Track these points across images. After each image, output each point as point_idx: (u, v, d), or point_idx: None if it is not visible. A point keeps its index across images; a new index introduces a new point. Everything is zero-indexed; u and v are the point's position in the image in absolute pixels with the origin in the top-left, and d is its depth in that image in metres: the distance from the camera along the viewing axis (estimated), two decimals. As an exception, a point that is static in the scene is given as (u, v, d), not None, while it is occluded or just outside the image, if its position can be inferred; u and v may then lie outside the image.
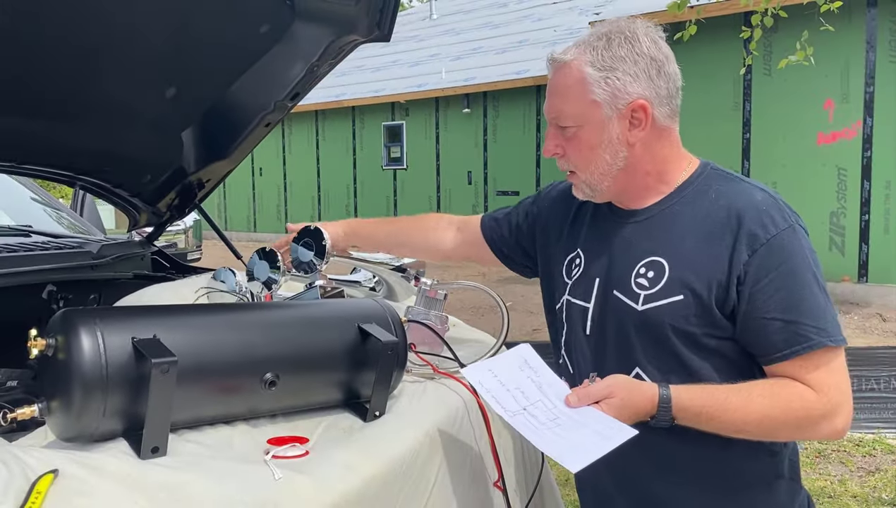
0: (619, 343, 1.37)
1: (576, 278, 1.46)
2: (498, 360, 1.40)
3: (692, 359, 1.31)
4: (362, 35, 1.98)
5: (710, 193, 1.36)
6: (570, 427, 1.22)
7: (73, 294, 2.19)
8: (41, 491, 0.90)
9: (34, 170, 2.33)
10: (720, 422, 1.25)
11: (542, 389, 1.31)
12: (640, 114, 1.33)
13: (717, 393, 1.26)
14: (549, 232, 1.58)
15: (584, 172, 1.38)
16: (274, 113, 2.18)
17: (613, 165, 1.36)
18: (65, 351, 1.04)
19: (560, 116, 1.37)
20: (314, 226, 1.74)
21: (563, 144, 1.38)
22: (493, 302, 1.76)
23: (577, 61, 1.34)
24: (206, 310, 1.39)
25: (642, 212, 1.41)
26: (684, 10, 5.15)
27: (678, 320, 1.30)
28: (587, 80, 1.32)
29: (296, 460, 1.12)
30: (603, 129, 1.34)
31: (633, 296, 1.35)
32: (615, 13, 10.11)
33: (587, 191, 1.42)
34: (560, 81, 1.37)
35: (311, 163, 16.75)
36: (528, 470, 1.67)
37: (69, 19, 1.64)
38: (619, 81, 1.31)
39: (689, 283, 1.29)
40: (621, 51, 1.32)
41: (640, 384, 1.29)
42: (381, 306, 1.41)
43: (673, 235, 1.35)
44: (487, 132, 13.97)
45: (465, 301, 8.06)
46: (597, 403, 1.25)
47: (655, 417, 1.25)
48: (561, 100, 1.36)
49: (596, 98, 1.32)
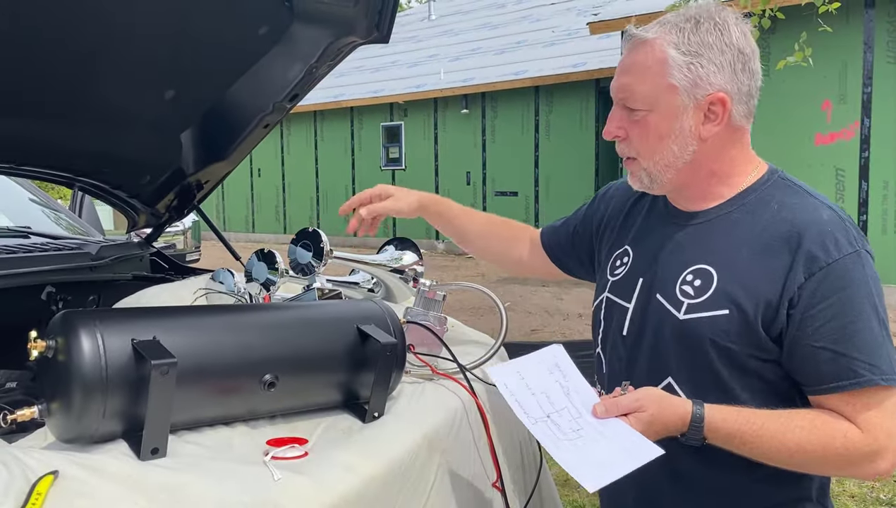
0: (653, 349, 1.31)
1: (620, 276, 1.40)
2: (527, 361, 1.34)
3: (729, 378, 1.24)
4: (361, 36, 1.99)
5: (772, 204, 1.27)
6: (593, 440, 1.17)
7: (72, 295, 2.19)
8: (41, 493, 0.91)
9: (33, 171, 2.33)
10: (753, 448, 1.19)
11: (570, 395, 1.26)
12: (717, 108, 1.24)
13: (754, 417, 1.19)
14: (603, 231, 1.53)
15: (647, 160, 1.29)
16: (273, 114, 2.19)
17: (680, 158, 1.27)
18: (65, 353, 1.04)
19: (630, 97, 1.27)
20: (311, 228, 1.75)
21: (628, 127, 1.28)
22: (492, 303, 1.77)
23: (661, 41, 1.24)
24: (205, 312, 1.39)
25: (699, 216, 1.32)
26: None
27: (719, 335, 1.22)
28: (668, 62, 1.22)
29: (295, 461, 1.12)
30: (675, 118, 1.25)
31: (675, 303, 1.28)
32: (614, 14, 10.12)
33: (645, 181, 1.32)
34: (637, 59, 1.26)
35: (309, 163, 16.75)
36: (527, 471, 1.68)
37: (68, 21, 1.64)
38: (702, 69, 1.22)
39: (736, 299, 1.21)
40: (710, 37, 1.22)
41: (672, 399, 1.22)
42: (379, 307, 1.42)
43: (727, 245, 1.27)
44: (486, 132, 13.98)
45: (464, 302, 8.07)
46: (625, 416, 1.19)
47: (686, 435, 1.19)
48: (635, 79, 1.26)
49: (675, 82, 1.23)
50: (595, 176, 12.62)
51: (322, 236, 1.73)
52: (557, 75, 12.61)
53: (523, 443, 1.68)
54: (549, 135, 13.14)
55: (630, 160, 1.32)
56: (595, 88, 12.41)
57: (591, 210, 1.59)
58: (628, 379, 1.29)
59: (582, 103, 12.65)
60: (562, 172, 12.98)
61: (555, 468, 1.80)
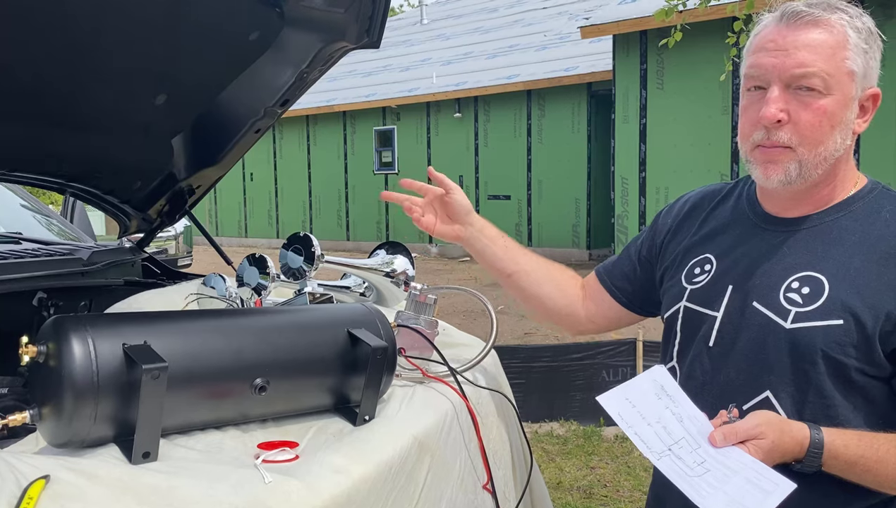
0: (751, 360, 1.23)
1: (702, 284, 1.33)
2: (633, 386, 1.27)
3: (834, 394, 1.16)
4: (352, 42, 1.99)
5: (882, 213, 1.20)
6: (722, 475, 1.10)
7: (63, 301, 2.19)
8: (33, 497, 0.91)
9: (24, 177, 2.33)
10: (876, 476, 1.12)
11: (684, 424, 1.19)
12: (869, 104, 1.18)
13: (875, 442, 1.12)
14: (667, 244, 1.45)
15: (808, 149, 1.18)
16: (264, 119, 2.20)
17: (836, 152, 1.19)
18: (56, 358, 1.05)
19: (807, 75, 1.15)
20: (303, 233, 1.75)
21: (795, 110, 1.17)
22: (483, 307, 1.77)
23: (842, 22, 1.16)
24: (197, 316, 1.39)
25: (800, 222, 1.25)
26: (673, 16, 5.19)
27: (832, 347, 1.15)
28: (850, 45, 1.15)
29: (286, 464, 1.13)
30: (847, 106, 1.17)
31: (780, 312, 1.20)
32: (604, 19, 10.17)
33: (792, 174, 1.20)
34: (815, 37, 1.16)
35: (302, 168, 16.74)
36: (518, 473, 1.68)
37: (58, 27, 1.64)
38: (874, 61, 1.17)
39: (853, 308, 1.14)
40: (874, 29, 1.17)
41: (790, 424, 1.15)
42: (370, 311, 1.42)
43: (838, 251, 1.20)
44: (479, 136, 14.01)
45: (455, 305, 8.08)
46: (742, 443, 1.13)
47: (802, 462, 1.13)
48: (815, 55, 1.15)
49: (854, 67, 1.15)
50: (587, 179, 12.66)
51: (313, 240, 1.73)
52: (549, 79, 12.65)
53: (514, 445, 1.69)
54: (542, 139, 13.17)
55: (782, 149, 1.19)
56: (587, 92, 12.46)
57: (652, 231, 1.51)
58: (715, 393, 1.24)
59: (574, 107, 12.69)
60: (554, 176, 13.01)
61: (546, 470, 1.80)
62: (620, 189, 10.46)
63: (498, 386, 1.71)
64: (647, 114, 10.04)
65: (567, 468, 3.90)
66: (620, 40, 10.18)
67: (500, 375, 1.80)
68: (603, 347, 4.71)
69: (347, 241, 15.82)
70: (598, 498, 3.58)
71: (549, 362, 4.77)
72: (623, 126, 10.33)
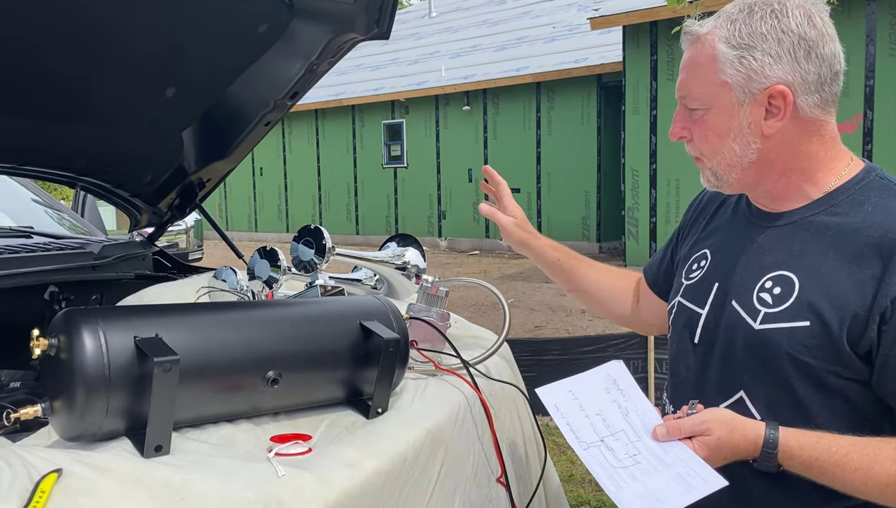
0: (725, 360, 1.22)
1: (695, 280, 1.33)
2: (582, 379, 1.27)
3: (808, 397, 1.14)
4: (361, 33, 1.98)
5: (866, 206, 1.16)
6: (651, 467, 1.10)
7: (75, 294, 2.19)
8: (45, 491, 0.91)
9: (35, 171, 2.33)
10: (835, 479, 1.09)
11: (628, 417, 1.19)
12: (778, 102, 1.15)
13: (836, 445, 1.09)
14: (684, 237, 1.46)
15: (711, 160, 1.23)
16: (273, 112, 2.19)
17: (744, 157, 1.20)
18: (67, 351, 1.04)
19: (688, 96, 1.22)
20: (314, 225, 1.75)
21: (691, 127, 1.23)
22: (495, 300, 1.76)
23: (711, 36, 1.18)
24: (208, 309, 1.39)
25: (782, 217, 1.24)
26: (684, 5, 5.14)
27: (798, 349, 1.13)
28: (718, 59, 1.16)
29: (299, 457, 1.12)
30: (732, 116, 1.18)
31: (751, 311, 1.19)
32: (614, 10, 10.09)
33: (713, 181, 1.26)
34: (691, 57, 1.22)
35: (311, 162, 16.76)
36: (531, 466, 1.67)
37: (68, 20, 1.64)
38: (756, 62, 1.14)
39: (819, 310, 1.12)
40: (763, 26, 1.14)
41: (743, 422, 1.13)
42: (382, 303, 1.41)
43: (813, 250, 1.17)
44: (487, 129, 13.97)
45: (466, 299, 8.07)
46: (689, 438, 1.12)
47: (757, 461, 1.12)
48: (690, 78, 1.21)
49: (726, 79, 1.16)
50: (597, 171, 12.61)
51: (324, 233, 1.72)
52: (559, 71, 12.60)
53: (527, 438, 1.68)
54: (551, 132, 13.12)
55: (697, 160, 1.27)
56: (597, 84, 12.39)
57: (679, 225, 1.51)
58: (697, 391, 1.23)
59: (583, 99, 12.63)
60: (564, 168, 12.97)
61: (559, 463, 1.79)
62: (631, 181, 10.41)
63: (511, 378, 1.69)
64: (658, 105, 9.98)
65: (578, 461, 3.89)
66: (630, 31, 10.12)
67: (513, 368, 1.79)
68: (614, 340, 4.68)
69: (357, 235, 15.84)
70: (610, 491, 3.56)
71: (560, 355, 4.75)
72: (633, 118, 10.27)
